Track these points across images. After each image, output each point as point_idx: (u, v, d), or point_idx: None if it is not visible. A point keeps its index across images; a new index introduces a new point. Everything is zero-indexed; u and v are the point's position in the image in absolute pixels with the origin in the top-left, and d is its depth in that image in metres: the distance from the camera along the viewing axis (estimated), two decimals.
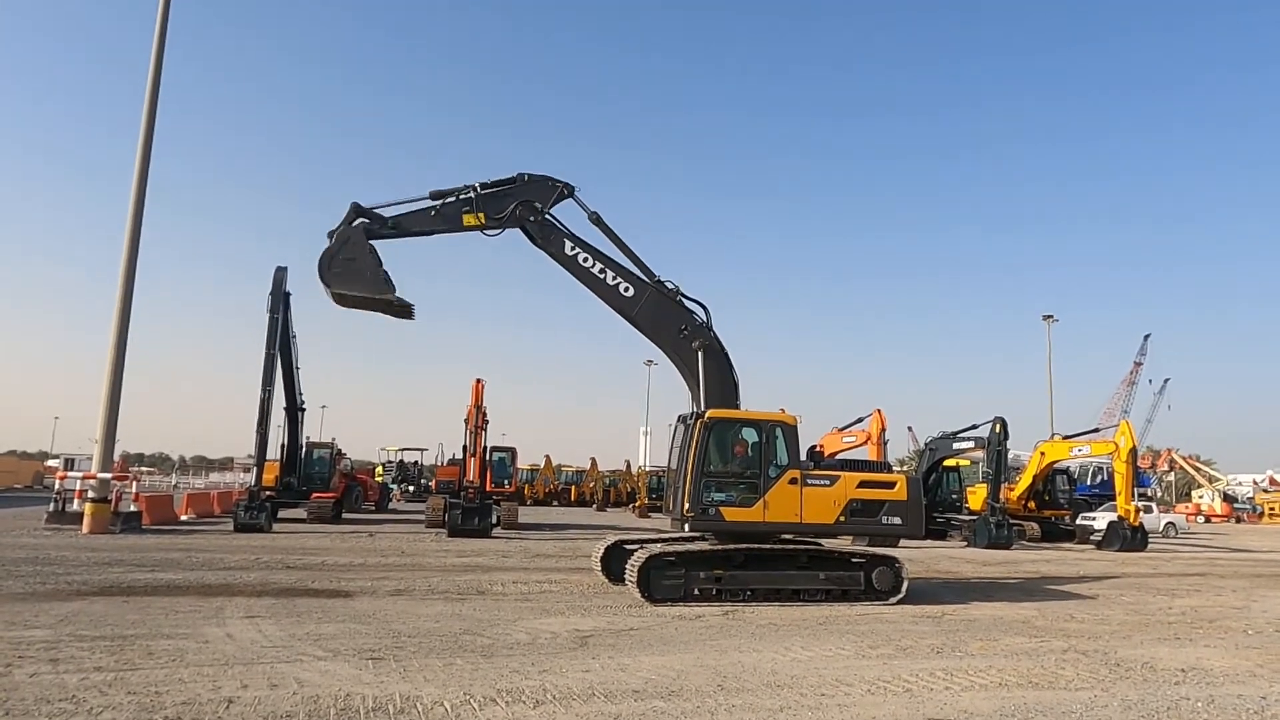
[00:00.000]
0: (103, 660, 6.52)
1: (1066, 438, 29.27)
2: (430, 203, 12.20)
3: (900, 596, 11.26)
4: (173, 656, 6.73)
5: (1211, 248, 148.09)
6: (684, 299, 12.46)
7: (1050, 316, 51.28)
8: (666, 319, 12.36)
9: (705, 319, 12.38)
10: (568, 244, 12.33)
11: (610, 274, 12.34)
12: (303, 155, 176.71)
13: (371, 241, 11.97)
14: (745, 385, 12.27)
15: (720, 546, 11.11)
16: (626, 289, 12.30)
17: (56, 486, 22.38)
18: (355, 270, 11.74)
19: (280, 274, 22.24)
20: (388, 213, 12.15)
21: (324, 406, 65.69)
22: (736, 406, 12.03)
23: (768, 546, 11.23)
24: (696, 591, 10.79)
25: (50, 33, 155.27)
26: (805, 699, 6.10)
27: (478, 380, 23.29)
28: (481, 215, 12.14)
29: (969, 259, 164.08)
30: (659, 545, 11.43)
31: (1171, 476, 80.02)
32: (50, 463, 58.09)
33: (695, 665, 7.11)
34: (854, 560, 11.51)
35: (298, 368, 25.03)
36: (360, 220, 11.97)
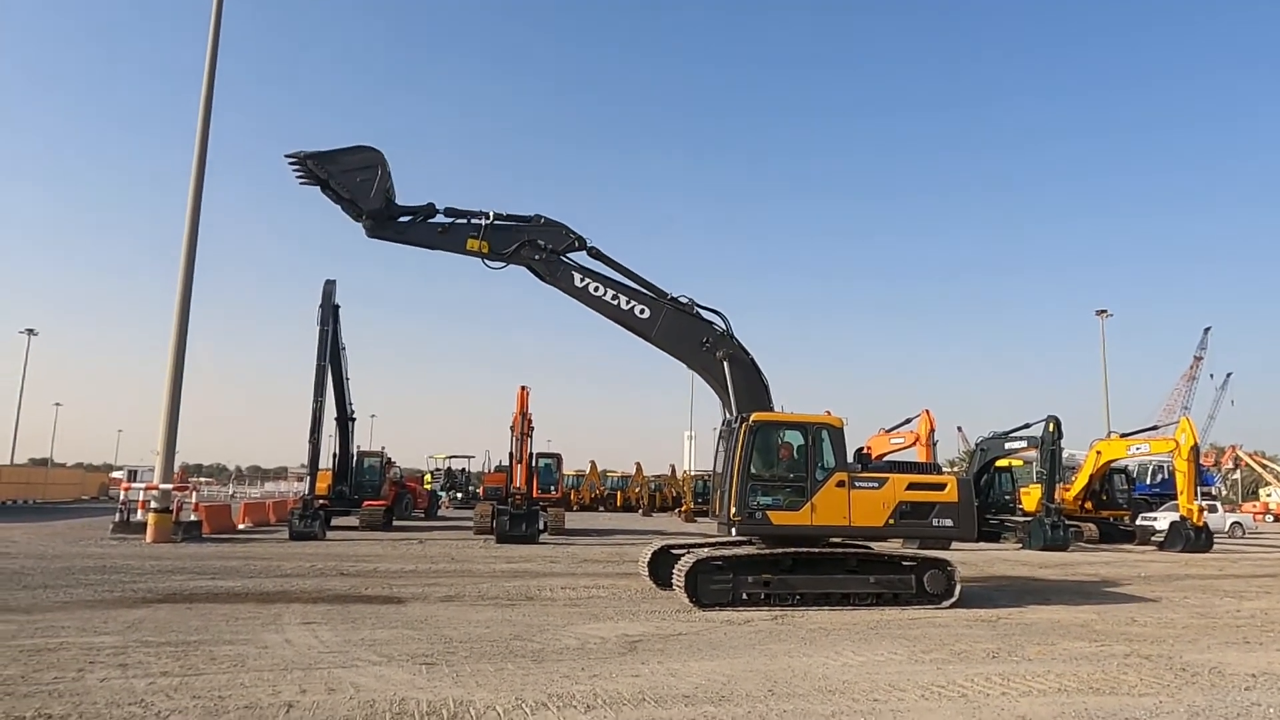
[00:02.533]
0: (168, 665, 6.73)
1: (1124, 436, 28.48)
2: (443, 219, 12.19)
3: (953, 600, 11.05)
4: (234, 662, 6.91)
5: (1274, 237, 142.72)
6: (700, 311, 12.38)
7: (1104, 311, 50.00)
8: (687, 334, 12.25)
9: (725, 327, 12.26)
10: (576, 276, 12.24)
11: (624, 299, 12.24)
12: None
13: (370, 237, 11.91)
14: (790, 388, 12.28)
15: (768, 551, 11.04)
16: (642, 311, 12.21)
17: (121, 497, 23.17)
18: (360, 177, 11.61)
19: (329, 287, 22.74)
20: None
21: (373, 416, 66.82)
22: (770, 410, 11.96)
23: (816, 550, 11.12)
24: (745, 596, 10.73)
25: (104, 45, 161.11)
26: (858, 704, 6.03)
27: (523, 387, 23.51)
28: (486, 245, 12.02)
29: (1018, 255, 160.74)
30: (706, 550, 11.40)
31: (1237, 474, 77.20)
32: (115, 474, 60.16)
33: (745, 670, 7.08)
34: (904, 563, 11.34)
35: (347, 378, 25.58)
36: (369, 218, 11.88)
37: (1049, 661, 7.80)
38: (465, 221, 12.13)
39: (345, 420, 25.80)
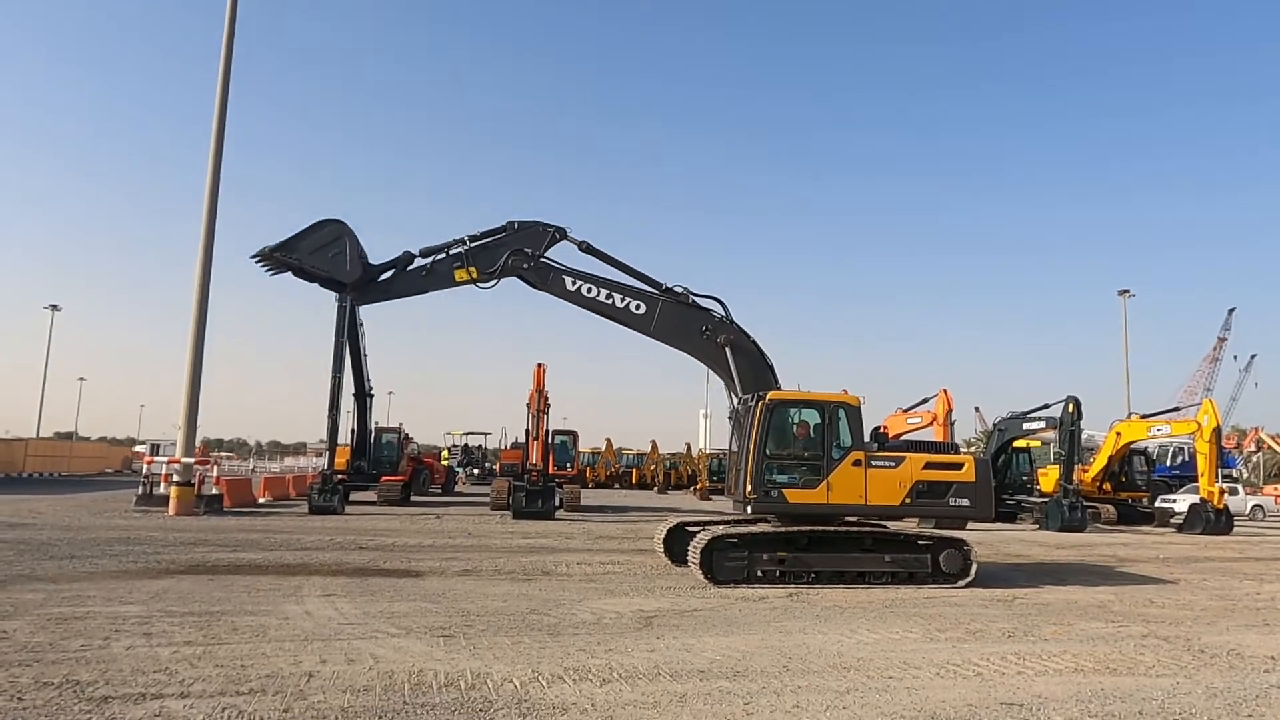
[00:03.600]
0: (192, 635, 6.85)
1: (1144, 417, 28.18)
2: (421, 261, 12.01)
3: (969, 579, 11.03)
4: (255, 632, 7.03)
5: None
6: (697, 299, 12.25)
7: (1126, 291, 49.24)
8: (685, 324, 12.16)
9: (724, 313, 12.16)
10: (568, 280, 12.10)
11: (618, 297, 12.12)
12: (370, 143, 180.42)
13: (358, 305, 11.78)
14: (807, 368, 12.29)
15: (783, 528, 11.05)
16: (638, 307, 12.10)
17: (144, 471, 23.50)
18: (334, 254, 11.53)
19: None
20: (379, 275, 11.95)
21: (391, 392, 67.19)
22: (776, 389, 11.91)
23: (831, 528, 11.12)
24: (760, 573, 10.76)
25: (131, 26, 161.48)
26: (872, 681, 6.05)
27: (539, 364, 23.55)
28: (473, 270, 11.88)
29: (1039, 235, 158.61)
30: (722, 527, 11.43)
31: (1259, 457, 76.31)
32: (138, 448, 61.12)
33: (760, 646, 7.11)
34: (920, 542, 11.32)
35: (366, 354, 25.67)
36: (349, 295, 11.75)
37: (1065, 641, 7.78)
38: (445, 255, 11.92)
39: (363, 396, 25.92)
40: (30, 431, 58.96)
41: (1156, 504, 28.28)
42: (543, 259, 12.05)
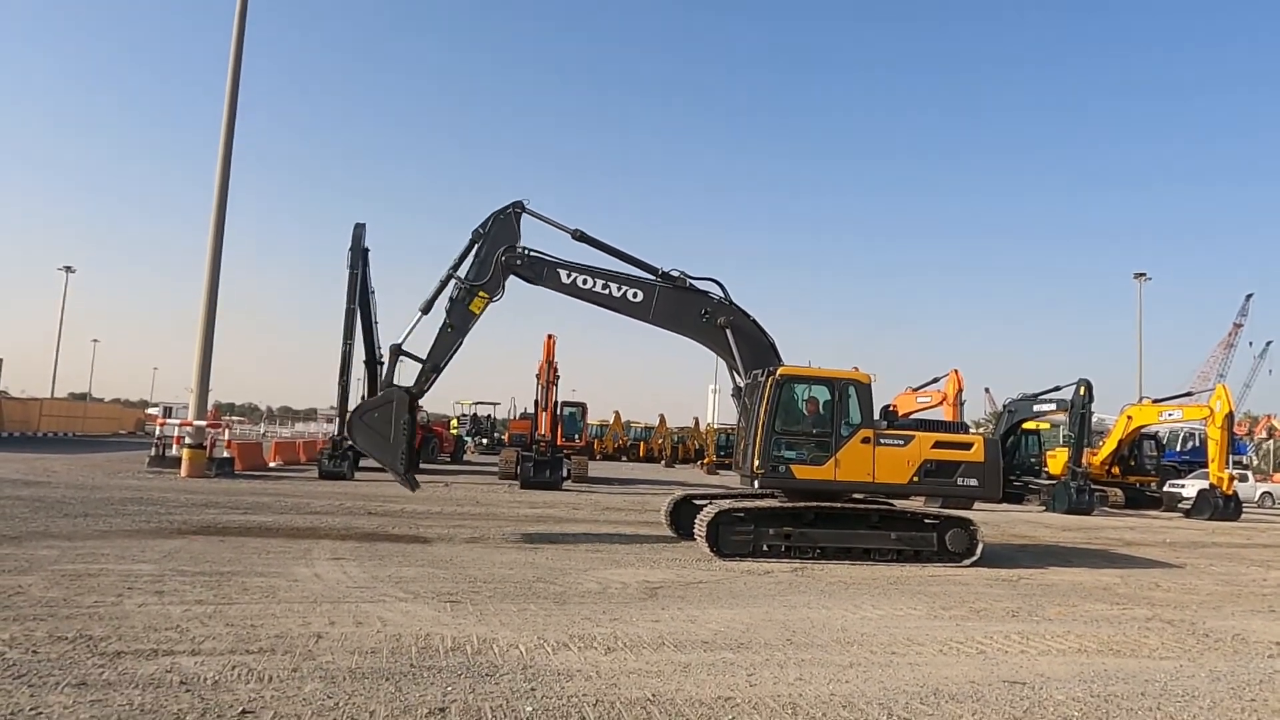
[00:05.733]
0: (203, 594, 6.94)
1: (1156, 401, 28.01)
2: (443, 323, 11.60)
3: (974, 559, 11.05)
4: (265, 593, 7.11)
5: None
6: (694, 282, 12.09)
7: (1143, 274, 48.80)
8: (684, 309, 12.01)
9: (722, 294, 12.04)
10: (562, 273, 11.85)
11: (614, 286, 11.92)
12: (385, 114, 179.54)
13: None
14: (818, 346, 12.16)
15: (790, 504, 11.07)
16: (635, 295, 11.91)
17: (157, 433, 23.78)
18: (382, 436, 11.16)
19: (359, 230, 22.76)
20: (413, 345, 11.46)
21: (401, 360, 67.38)
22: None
23: (838, 505, 11.14)
24: (765, 548, 10.80)
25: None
26: (875, 656, 6.08)
27: (549, 336, 23.57)
28: (481, 293, 11.57)
29: (1052, 218, 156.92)
30: (728, 501, 11.46)
31: (1270, 444, 75.85)
32: (150, 411, 61.58)
33: (764, 619, 7.15)
34: (927, 521, 11.33)
35: (376, 322, 25.72)
36: (403, 389, 11.33)
37: (1069, 622, 7.79)
38: (451, 301, 11.54)
39: (374, 364, 26.01)
40: (45, 392, 59.63)
41: (1165, 489, 28.19)
42: (534, 253, 11.76)
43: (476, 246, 11.81)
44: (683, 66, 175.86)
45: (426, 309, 11.84)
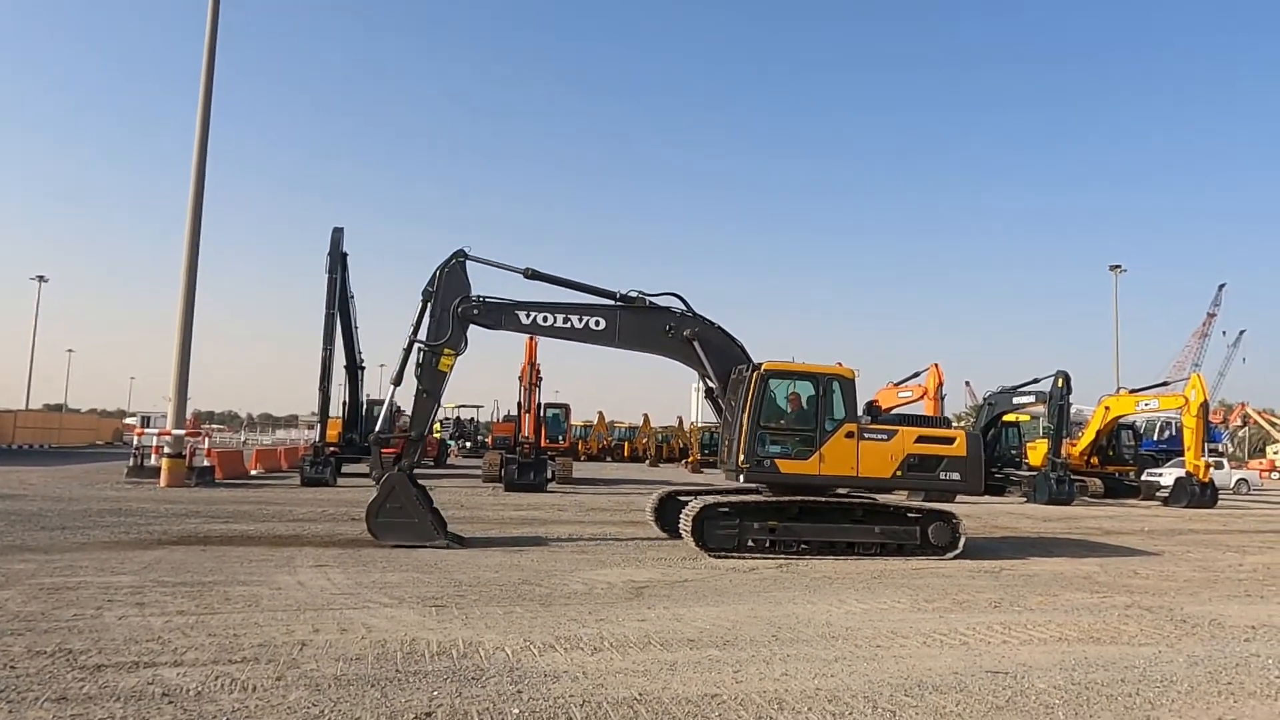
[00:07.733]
0: (184, 605, 6.87)
1: (1133, 392, 28.38)
2: (419, 394, 11.42)
3: (957, 552, 11.14)
4: (248, 602, 7.05)
5: None
6: (653, 300, 12.05)
7: (1118, 267, 49.38)
8: (647, 328, 11.98)
9: (684, 307, 12.03)
10: (521, 314, 11.73)
11: (575, 318, 11.82)
12: (365, 118, 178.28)
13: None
14: (804, 342, 12.18)
15: (775, 499, 11.12)
16: (597, 322, 11.84)
17: (135, 442, 23.46)
18: (405, 524, 10.93)
19: (338, 235, 22.59)
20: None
21: (382, 365, 66.85)
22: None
23: (823, 499, 11.20)
24: (750, 543, 10.84)
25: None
26: (860, 650, 6.12)
27: (531, 338, 23.48)
28: (447, 351, 11.41)
29: (1029, 213, 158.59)
30: (713, 495, 11.50)
31: (1245, 432, 77.11)
32: (128, 420, 60.93)
33: (749, 616, 7.18)
34: (910, 515, 11.42)
35: (356, 327, 25.55)
36: (396, 472, 11.05)
37: (1050, 611, 7.89)
38: (419, 366, 11.39)
39: (355, 369, 25.85)
40: (19, 403, 58.75)
41: (1143, 477, 28.57)
42: (488, 300, 11.62)
43: (430, 305, 11.56)
44: (669, 66, 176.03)
45: (397, 382, 11.59)
